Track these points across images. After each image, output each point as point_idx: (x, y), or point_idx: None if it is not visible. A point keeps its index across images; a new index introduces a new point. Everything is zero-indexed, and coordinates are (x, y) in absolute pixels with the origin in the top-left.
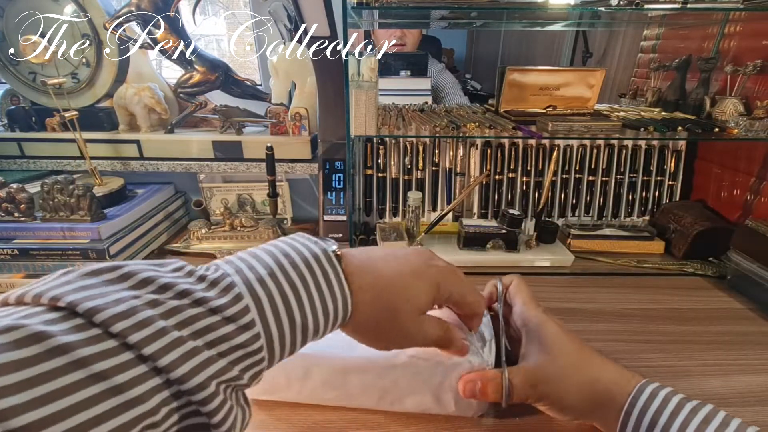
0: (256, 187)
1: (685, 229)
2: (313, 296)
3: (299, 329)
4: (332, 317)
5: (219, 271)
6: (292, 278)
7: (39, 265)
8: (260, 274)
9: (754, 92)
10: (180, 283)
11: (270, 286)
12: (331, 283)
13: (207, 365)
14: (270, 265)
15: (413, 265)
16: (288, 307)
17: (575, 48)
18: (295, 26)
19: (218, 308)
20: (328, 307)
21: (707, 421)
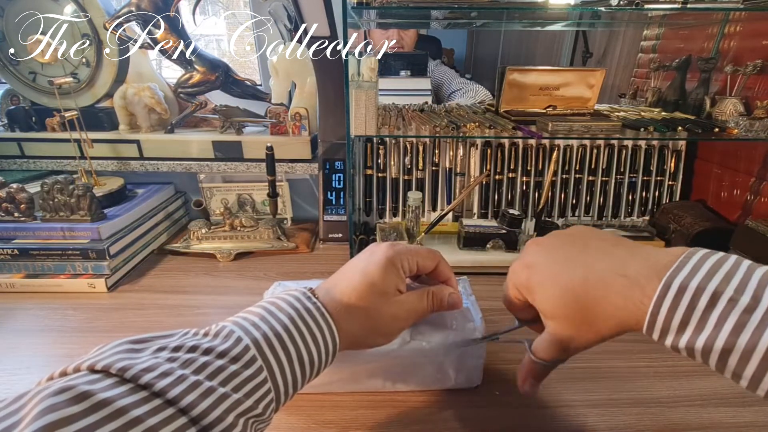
0: (256, 187)
1: (685, 229)
2: (302, 330)
3: (296, 361)
4: (323, 346)
5: (219, 326)
6: (282, 319)
7: (39, 265)
8: (253, 321)
9: (754, 92)
10: (189, 341)
11: (263, 328)
12: (314, 316)
13: (223, 400)
14: (260, 313)
15: (366, 264)
16: (282, 342)
17: (575, 48)
18: (295, 26)
19: (224, 352)
20: (317, 337)
21: (750, 310)
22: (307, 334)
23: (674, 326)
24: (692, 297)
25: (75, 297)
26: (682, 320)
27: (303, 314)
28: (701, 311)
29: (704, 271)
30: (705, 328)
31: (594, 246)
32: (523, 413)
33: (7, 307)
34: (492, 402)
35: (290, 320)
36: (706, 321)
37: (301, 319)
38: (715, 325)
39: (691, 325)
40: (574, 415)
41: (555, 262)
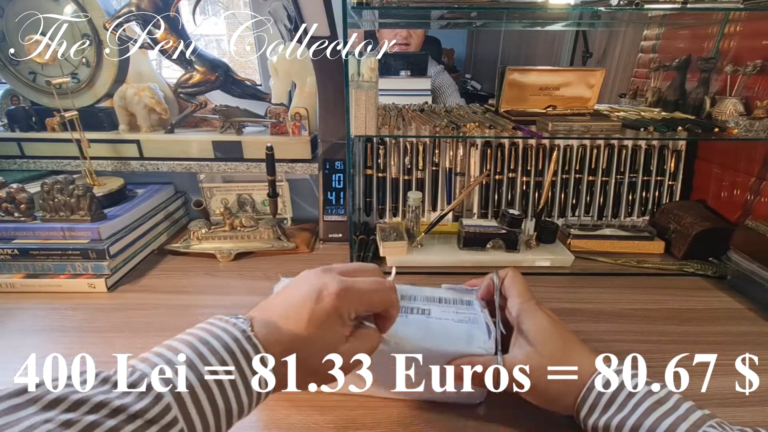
0: (256, 187)
1: (685, 229)
2: (235, 380)
3: (223, 415)
4: (255, 394)
5: (136, 373)
6: (212, 366)
7: (39, 265)
8: (177, 368)
9: (754, 92)
10: (94, 396)
11: (190, 378)
12: (251, 361)
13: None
14: (189, 356)
15: (308, 314)
16: (210, 395)
17: (575, 48)
18: (295, 26)
19: (138, 413)
20: (251, 385)
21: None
22: (241, 383)
23: (602, 404)
24: (620, 383)
25: (75, 297)
26: (609, 399)
27: (239, 358)
28: (624, 396)
29: (632, 372)
30: (623, 410)
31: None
32: (524, 413)
33: (7, 307)
34: (492, 402)
35: (223, 365)
36: (626, 405)
37: (236, 365)
38: (631, 408)
39: (615, 406)
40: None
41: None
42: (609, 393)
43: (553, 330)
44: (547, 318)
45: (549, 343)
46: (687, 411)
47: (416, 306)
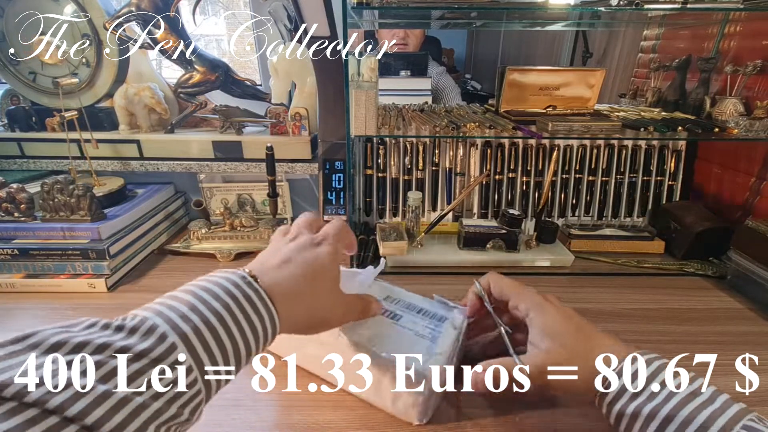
0: (256, 187)
1: (685, 229)
2: (240, 321)
3: (232, 355)
4: (262, 335)
5: (137, 318)
6: (216, 308)
7: (39, 265)
8: (182, 311)
9: (754, 92)
10: (96, 338)
11: (194, 319)
12: (254, 304)
13: (140, 412)
14: (191, 301)
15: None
16: (216, 336)
17: (575, 48)
18: (295, 26)
19: (143, 352)
20: (256, 327)
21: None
22: (246, 324)
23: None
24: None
25: (75, 297)
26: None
27: (242, 302)
28: (657, 383)
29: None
30: (655, 399)
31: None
32: (524, 413)
33: (7, 307)
34: (492, 402)
35: (226, 309)
36: (658, 394)
37: (240, 307)
38: (665, 397)
39: (645, 394)
40: (574, 415)
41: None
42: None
43: (568, 321)
44: (556, 308)
45: (567, 335)
46: (724, 404)
47: (391, 309)
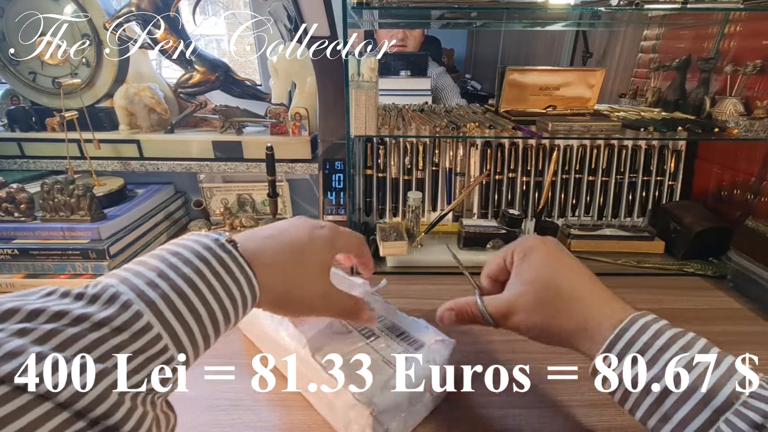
0: (256, 187)
1: (685, 229)
2: (213, 285)
3: (207, 320)
4: (240, 300)
5: (99, 286)
6: (186, 273)
7: (39, 265)
8: (149, 278)
9: (754, 92)
10: (52, 306)
11: (162, 286)
12: (229, 268)
13: (100, 379)
14: (159, 266)
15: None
16: (187, 301)
17: (575, 48)
18: (295, 26)
19: (103, 320)
20: (233, 292)
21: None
22: (220, 288)
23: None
24: (653, 335)
25: None
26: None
27: (214, 265)
28: (656, 350)
29: (664, 322)
30: (655, 366)
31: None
32: (524, 413)
33: None
34: (493, 402)
35: (197, 273)
36: (657, 360)
37: (212, 271)
38: (664, 364)
39: (644, 360)
40: (574, 415)
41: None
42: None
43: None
44: (546, 258)
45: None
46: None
47: (370, 327)
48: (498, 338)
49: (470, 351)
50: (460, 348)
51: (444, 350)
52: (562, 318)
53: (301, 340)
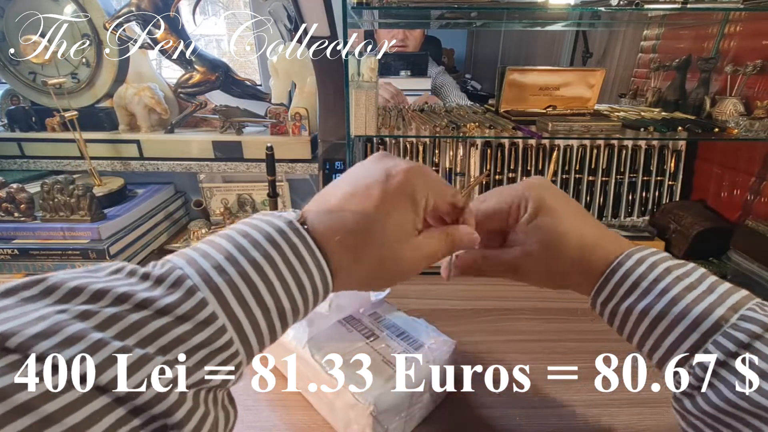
0: (256, 187)
1: (685, 229)
2: (283, 275)
3: (275, 313)
4: (311, 292)
5: (167, 266)
6: (255, 259)
7: (39, 265)
8: (217, 261)
9: (754, 92)
10: (117, 287)
11: (230, 271)
12: (302, 256)
13: (162, 374)
14: (227, 248)
15: (378, 191)
16: (255, 291)
17: (575, 48)
18: (295, 26)
19: (167, 308)
20: (303, 283)
21: (691, 288)
22: (291, 278)
23: (623, 290)
24: (648, 267)
25: None
26: (632, 284)
27: (286, 253)
28: (650, 281)
29: (663, 254)
30: (648, 296)
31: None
32: (524, 413)
33: None
34: (493, 402)
35: (267, 259)
36: (651, 290)
37: (284, 259)
38: (658, 293)
39: (638, 291)
40: (574, 415)
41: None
42: (631, 280)
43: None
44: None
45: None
46: (724, 294)
47: (370, 327)
48: (498, 338)
49: (470, 351)
50: (459, 348)
51: (444, 350)
52: (563, 259)
53: (302, 340)
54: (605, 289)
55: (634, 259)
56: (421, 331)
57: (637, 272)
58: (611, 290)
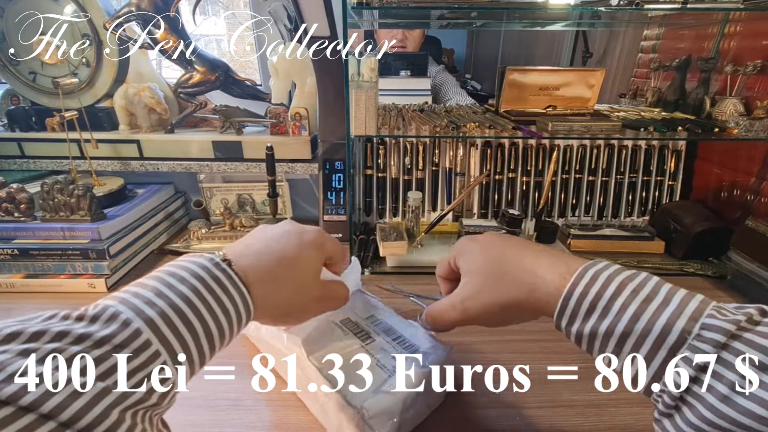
0: (256, 187)
1: (685, 229)
2: (209, 302)
3: (203, 337)
4: (235, 317)
5: (99, 307)
6: (183, 291)
7: (39, 265)
8: (147, 297)
9: (754, 92)
10: (54, 327)
11: (160, 304)
12: (224, 286)
13: (102, 396)
14: (156, 286)
15: (296, 239)
16: (185, 319)
17: (575, 48)
18: (295, 26)
19: (104, 339)
20: (228, 309)
21: (648, 300)
22: (216, 306)
23: (583, 311)
24: (602, 284)
25: (75, 297)
26: (590, 305)
27: (210, 284)
28: (607, 298)
29: (615, 267)
30: (608, 315)
31: (530, 242)
32: (524, 413)
33: (7, 307)
34: (493, 402)
35: (194, 292)
36: (610, 308)
37: (208, 289)
38: (618, 311)
39: (597, 311)
40: (574, 415)
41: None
42: (589, 299)
43: (485, 254)
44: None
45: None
46: (681, 303)
47: (367, 329)
48: (498, 338)
49: (470, 351)
50: (456, 350)
51: (438, 354)
52: (511, 288)
53: (296, 341)
54: (565, 314)
55: (588, 277)
56: (417, 335)
57: (593, 291)
58: (571, 313)
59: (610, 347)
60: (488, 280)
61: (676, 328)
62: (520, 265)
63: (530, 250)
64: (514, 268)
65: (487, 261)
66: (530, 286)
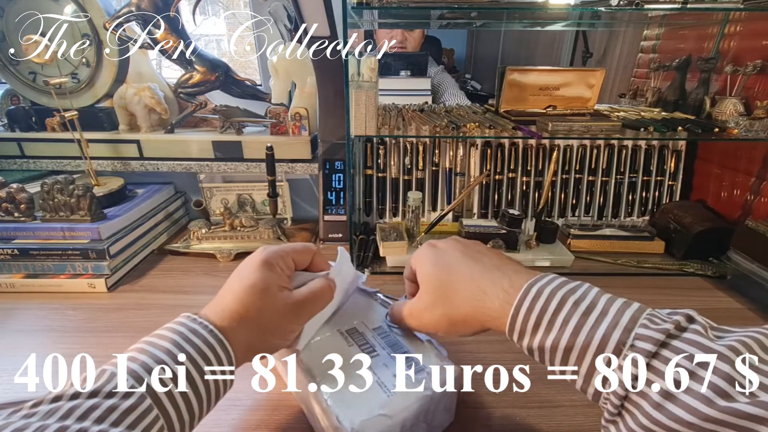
0: (256, 187)
1: (685, 229)
2: (189, 352)
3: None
4: (215, 362)
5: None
6: (164, 345)
7: (39, 265)
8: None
9: (754, 92)
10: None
11: (141, 357)
12: (201, 335)
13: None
14: (138, 347)
15: (242, 270)
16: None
17: (575, 48)
18: (295, 26)
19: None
20: (208, 356)
21: (588, 313)
22: (196, 354)
23: (530, 328)
24: (546, 300)
25: (75, 297)
26: (536, 321)
27: (188, 335)
28: (551, 313)
29: (558, 281)
30: (553, 330)
31: (484, 251)
32: (524, 413)
33: (7, 307)
34: (493, 402)
35: (174, 344)
36: (554, 323)
37: (187, 340)
38: (560, 326)
39: (543, 327)
40: (574, 415)
41: (454, 249)
42: (535, 315)
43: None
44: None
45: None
46: (616, 314)
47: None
48: (498, 338)
49: (470, 351)
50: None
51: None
52: (460, 304)
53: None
54: (515, 330)
55: (533, 294)
56: (428, 353)
57: (537, 307)
58: (520, 330)
59: (557, 360)
60: (438, 293)
61: (612, 339)
62: (469, 279)
63: (479, 263)
64: (463, 283)
65: (438, 274)
66: (477, 302)
